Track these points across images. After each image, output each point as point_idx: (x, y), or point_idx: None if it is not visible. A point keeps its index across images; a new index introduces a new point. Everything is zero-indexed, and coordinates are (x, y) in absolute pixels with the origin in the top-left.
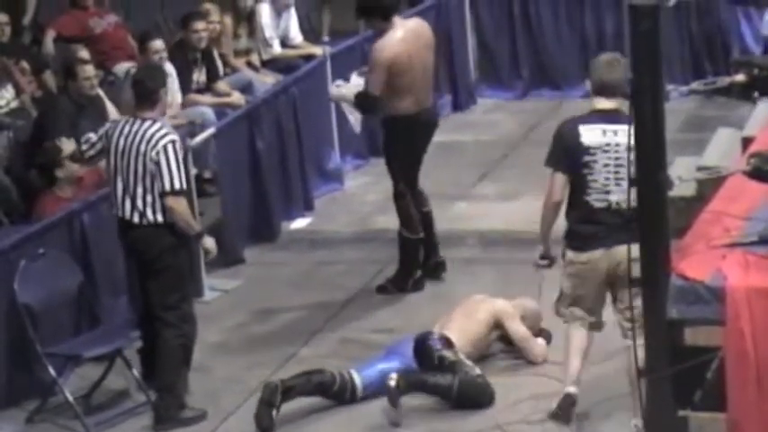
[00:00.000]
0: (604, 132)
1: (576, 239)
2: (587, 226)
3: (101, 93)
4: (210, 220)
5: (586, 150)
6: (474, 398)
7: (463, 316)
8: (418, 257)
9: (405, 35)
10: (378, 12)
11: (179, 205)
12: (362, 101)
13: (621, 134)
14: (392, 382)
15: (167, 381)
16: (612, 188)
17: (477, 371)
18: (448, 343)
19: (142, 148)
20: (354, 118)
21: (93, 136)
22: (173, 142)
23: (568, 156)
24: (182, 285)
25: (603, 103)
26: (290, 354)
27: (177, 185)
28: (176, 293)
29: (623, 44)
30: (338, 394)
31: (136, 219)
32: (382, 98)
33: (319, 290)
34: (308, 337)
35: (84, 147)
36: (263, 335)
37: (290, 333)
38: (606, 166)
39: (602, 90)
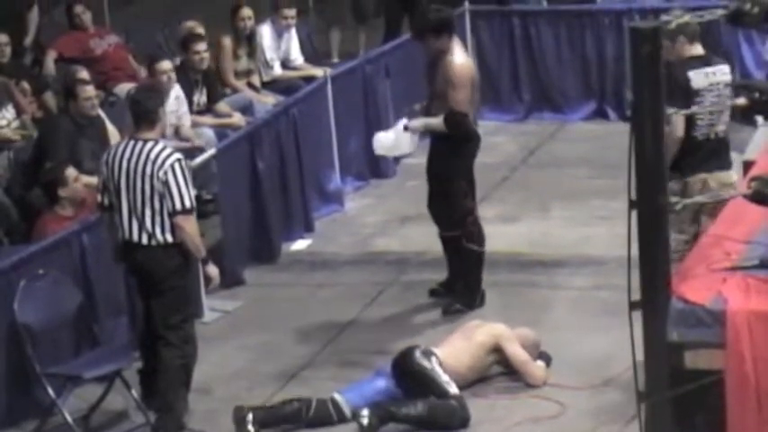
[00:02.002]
0: (707, 75)
1: (679, 168)
2: (690, 157)
3: (101, 113)
4: (211, 241)
5: (696, 93)
6: (444, 422)
7: (461, 339)
8: (482, 271)
9: (466, 54)
10: (447, 29)
11: (189, 225)
12: (453, 119)
13: (719, 74)
14: (364, 420)
15: (167, 401)
16: (716, 121)
17: (454, 389)
18: (428, 353)
19: (148, 169)
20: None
21: (98, 180)
22: (179, 161)
23: (683, 99)
24: (185, 306)
25: (699, 49)
26: (289, 375)
27: (187, 204)
28: (179, 314)
29: (624, 67)
30: (318, 418)
31: (144, 240)
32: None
33: (319, 311)
34: (308, 359)
35: (100, 197)
36: (262, 356)
37: (289, 354)
38: (712, 103)
39: (696, 37)
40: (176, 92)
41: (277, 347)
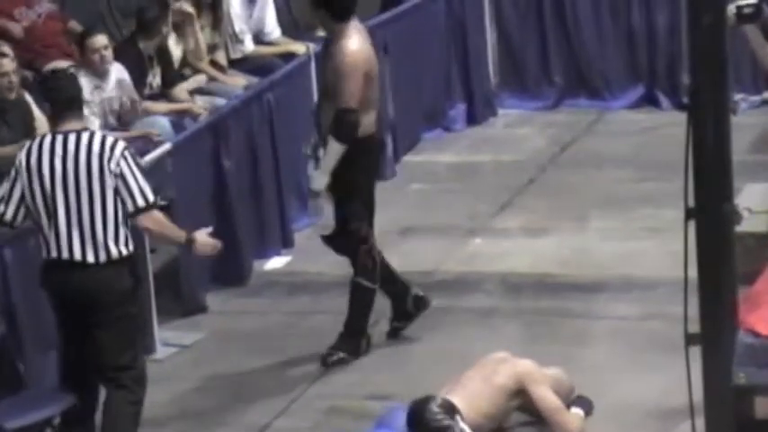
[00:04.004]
0: None
1: None
2: None
3: (28, 98)
4: (164, 258)
5: None
6: None
7: (477, 380)
8: (371, 311)
9: (365, 39)
10: (329, 7)
11: (157, 222)
12: (341, 122)
13: None
14: None
15: None
16: None
17: None
18: (450, 409)
19: (95, 164)
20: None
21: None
22: (127, 148)
23: None
24: (137, 339)
25: None
26: (261, 425)
27: (151, 198)
28: (132, 349)
29: (679, 42)
30: None
31: (90, 257)
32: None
33: (300, 346)
34: (285, 405)
35: (2, 208)
36: (228, 401)
37: (262, 399)
38: None
39: None
40: (118, 72)
41: (247, 391)
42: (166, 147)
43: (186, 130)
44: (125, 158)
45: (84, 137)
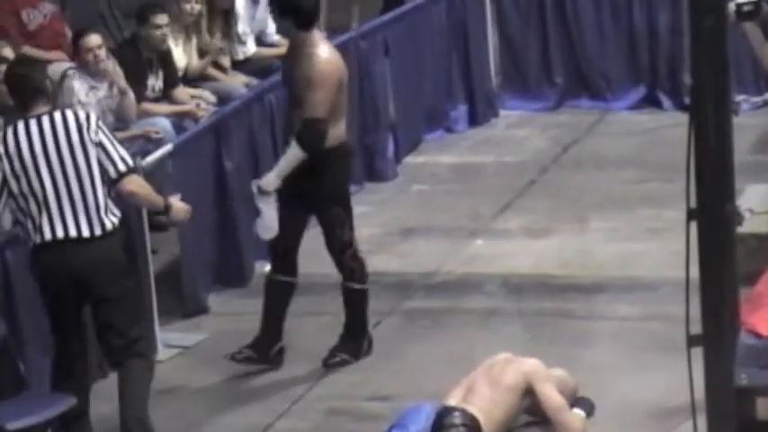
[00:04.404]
0: None
1: None
2: None
3: None
4: (166, 259)
5: None
6: None
7: (488, 385)
8: (367, 311)
9: (332, 47)
10: (296, 16)
11: (141, 184)
12: (308, 130)
13: None
14: None
15: (142, 413)
16: None
17: None
18: (474, 425)
19: (75, 138)
20: (269, 217)
21: None
22: (99, 118)
23: None
24: (140, 314)
25: None
26: (263, 426)
27: (131, 163)
28: (138, 324)
29: (681, 43)
30: None
31: (86, 232)
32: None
33: (301, 346)
34: (287, 407)
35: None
36: (229, 403)
37: (263, 401)
38: None
39: None
40: (117, 72)
41: (247, 392)
42: (168, 148)
43: (187, 132)
44: (100, 128)
45: (57, 115)
